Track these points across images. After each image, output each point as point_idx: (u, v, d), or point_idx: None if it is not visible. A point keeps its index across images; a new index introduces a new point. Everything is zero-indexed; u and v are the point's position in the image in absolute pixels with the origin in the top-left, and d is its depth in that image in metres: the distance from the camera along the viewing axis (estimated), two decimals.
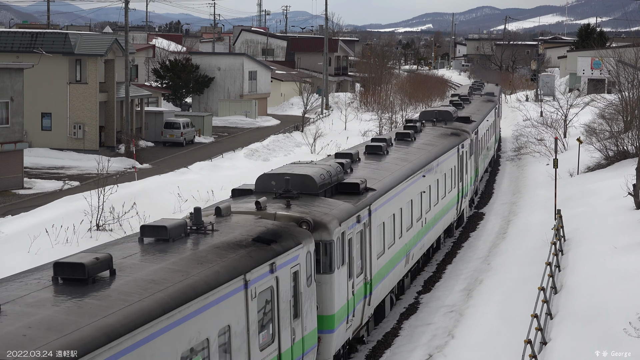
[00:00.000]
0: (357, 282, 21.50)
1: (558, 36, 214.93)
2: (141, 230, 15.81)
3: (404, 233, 26.61)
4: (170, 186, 46.04)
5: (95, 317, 11.66)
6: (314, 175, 21.40)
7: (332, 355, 19.68)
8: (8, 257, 31.34)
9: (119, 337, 11.52)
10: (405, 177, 27.09)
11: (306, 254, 18.14)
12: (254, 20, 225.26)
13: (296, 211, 19.37)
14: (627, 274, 22.47)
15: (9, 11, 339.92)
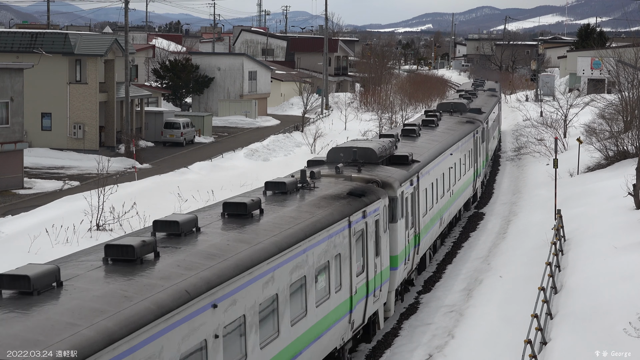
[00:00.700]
0: (410, 233, 26.38)
1: (558, 36, 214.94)
2: (265, 186, 20.93)
3: (439, 200, 31.81)
4: (170, 186, 46.05)
5: (295, 223, 17.94)
6: (374, 148, 25.91)
7: (394, 289, 24.79)
8: (8, 257, 31.34)
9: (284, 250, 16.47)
10: (438, 153, 32.24)
11: (383, 207, 22.98)
12: (254, 21, 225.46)
13: (367, 174, 23.93)
14: (627, 274, 22.47)
15: (9, 11, 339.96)
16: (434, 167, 30.62)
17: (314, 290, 18.02)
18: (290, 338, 16.81)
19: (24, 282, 11.91)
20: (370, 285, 21.93)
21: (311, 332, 18.01)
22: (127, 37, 66.28)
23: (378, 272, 22.57)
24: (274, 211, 18.66)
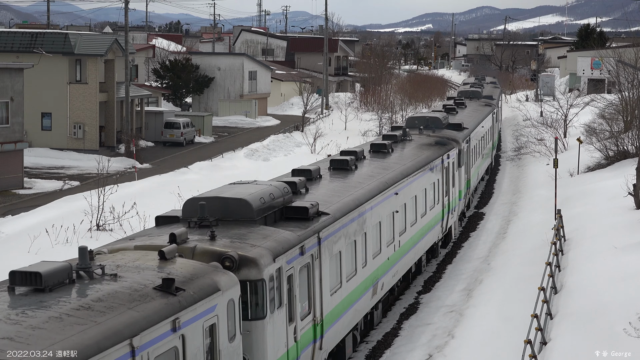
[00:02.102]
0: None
1: (558, 36, 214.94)
2: (383, 137, 33.58)
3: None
4: (170, 186, 46.04)
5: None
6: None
7: (459, 213, 27.77)
8: (8, 257, 31.35)
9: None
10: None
11: (456, 153, 36.37)
12: (254, 20, 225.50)
13: (439, 134, 35.01)
14: (627, 274, 22.48)
15: (9, 11, 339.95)
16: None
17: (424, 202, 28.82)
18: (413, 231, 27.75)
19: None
20: (451, 205, 33.76)
21: (423, 230, 28.98)
22: (127, 37, 66.29)
23: (453, 197, 33.85)
24: (398, 151, 30.93)
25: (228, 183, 21.49)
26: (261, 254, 16.29)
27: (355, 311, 22.10)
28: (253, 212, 18.23)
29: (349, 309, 21.36)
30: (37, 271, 12.60)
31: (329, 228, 19.72)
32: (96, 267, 13.97)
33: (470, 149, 40.76)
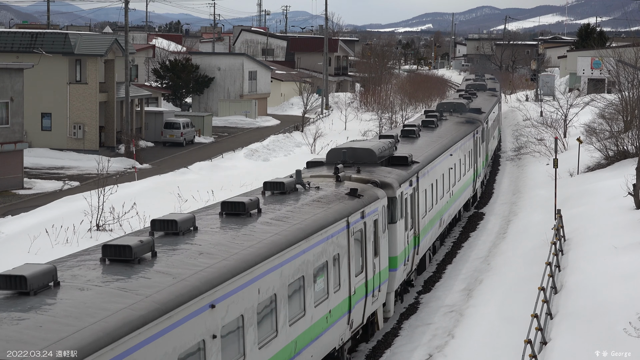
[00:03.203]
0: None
1: (558, 36, 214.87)
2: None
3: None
4: (170, 186, 46.05)
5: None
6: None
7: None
8: (8, 257, 31.34)
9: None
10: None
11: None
12: (254, 20, 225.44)
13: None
14: (627, 274, 22.48)
15: (9, 11, 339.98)
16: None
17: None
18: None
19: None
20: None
21: (464, 185, 33.36)
22: (127, 37, 66.28)
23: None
24: (443, 126, 37.36)
25: (349, 140, 34.66)
26: (394, 181, 24.79)
27: (432, 235, 30.92)
28: (376, 158, 26.41)
29: (429, 231, 30.11)
30: (282, 181, 21.39)
31: (422, 171, 28.65)
32: (305, 184, 22.05)
33: (488, 129, 50.28)
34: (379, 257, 23.14)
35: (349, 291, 20.73)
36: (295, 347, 17.53)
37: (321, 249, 18.87)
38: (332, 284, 19.62)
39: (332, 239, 19.61)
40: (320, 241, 18.79)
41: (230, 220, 17.94)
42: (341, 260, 20.18)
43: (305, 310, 17.98)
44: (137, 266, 13.73)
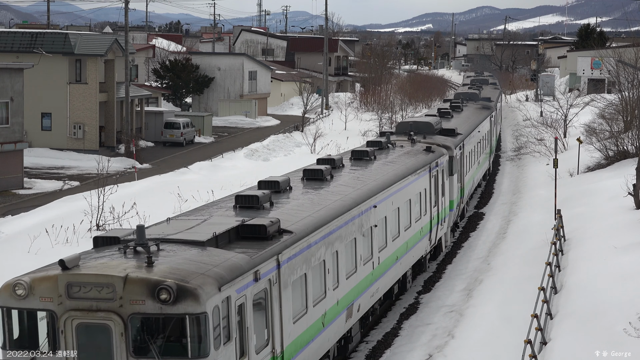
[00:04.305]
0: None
1: (558, 36, 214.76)
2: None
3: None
4: (170, 186, 46.06)
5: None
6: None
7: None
8: (8, 257, 31.35)
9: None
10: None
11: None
12: (254, 20, 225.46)
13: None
14: (627, 274, 22.48)
15: (9, 11, 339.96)
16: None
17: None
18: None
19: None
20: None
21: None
22: (127, 37, 66.29)
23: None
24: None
25: (408, 118, 46.16)
26: (451, 144, 34.18)
27: (469, 190, 41.46)
28: (433, 129, 35.23)
29: (468, 187, 40.08)
30: (379, 140, 31.30)
31: (465, 140, 37.82)
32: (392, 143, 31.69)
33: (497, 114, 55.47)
34: (444, 197, 32.58)
35: (430, 217, 30.23)
36: (407, 247, 27.14)
37: (417, 183, 28.20)
38: (422, 210, 28.93)
39: (421, 178, 29.05)
40: (416, 178, 28.20)
41: (358, 162, 27.52)
42: (426, 194, 29.55)
43: (411, 224, 27.49)
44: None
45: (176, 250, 15.05)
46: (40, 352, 14.10)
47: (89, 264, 14.26)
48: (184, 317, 13.51)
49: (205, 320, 13.57)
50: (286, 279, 16.96)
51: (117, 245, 15.36)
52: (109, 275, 13.71)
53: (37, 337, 14.20)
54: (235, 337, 14.63)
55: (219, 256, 15.13)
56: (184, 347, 13.67)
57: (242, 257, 15.43)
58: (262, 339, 15.89)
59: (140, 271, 13.78)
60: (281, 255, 16.69)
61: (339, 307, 20.41)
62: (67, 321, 13.84)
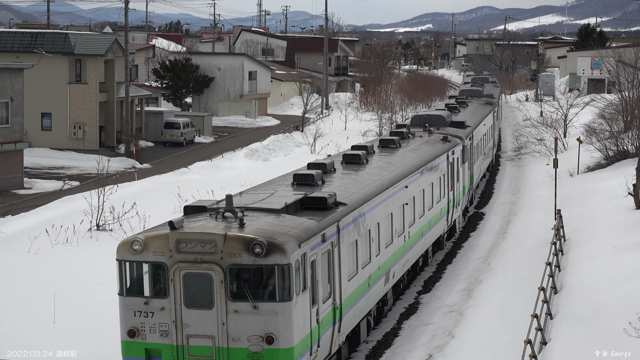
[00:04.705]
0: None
1: (558, 36, 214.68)
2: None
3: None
4: (170, 186, 46.07)
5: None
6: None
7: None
8: (8, 257, 31.36)
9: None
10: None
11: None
12: (254, 20, 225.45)
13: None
14: (627, 274, 22.49)
15: (9, 11, 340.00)
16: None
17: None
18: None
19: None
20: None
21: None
22: (127, 37, 66.29)
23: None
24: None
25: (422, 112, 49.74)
26: (463, 135, 37.26)
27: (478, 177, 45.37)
28: (445, 122, 38.75)
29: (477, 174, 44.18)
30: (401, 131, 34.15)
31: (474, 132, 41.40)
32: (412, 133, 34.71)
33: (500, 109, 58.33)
34: (459, 182, 35.85)
35: (447, 200, 33.34)
36: (430, 225, 30.10)
37: (437, 168, 31.41)
38: (441, 193, 32.18)
39: (441, 165, 32.19)
40: (437, 164, 31.47)
41: (386, 149, 30.35)
42: (444, 179, 32.72)
43: (433, 205, 30.53)
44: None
45: (257, 216, 18.08)
46: (152, 298, 17.03)
47: (191, 225, 17.29)
48: (273, 267, 16.59)
49: (289, 270, 16.66)
50: (343, 243, 20.04)
51: (206, 212, 18.36)
52: (212, 234, 16.73)
53: (150, 285, 17.10)
54: (309, 287, 17.70)
55: (293, 221, 18.27)
56: (272, 292, 16.71)
57: (312, 222, 18.58)
58: (326, 291, 18.88)
59: (236, 230, 16.83)
60: (340, 222, 19.86)
61: (380, 272, 23.55)
62: (176, 271, 16.81)
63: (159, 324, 17.00)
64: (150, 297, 17.04)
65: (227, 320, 16.69)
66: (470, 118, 43.84)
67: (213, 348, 16.79)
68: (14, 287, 27.67)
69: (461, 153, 36.48)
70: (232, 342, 16.73)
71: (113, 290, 27.01)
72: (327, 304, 18.94)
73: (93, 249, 32.86)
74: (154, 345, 17.03)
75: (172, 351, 16.96)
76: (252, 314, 16.64)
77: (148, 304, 16.99)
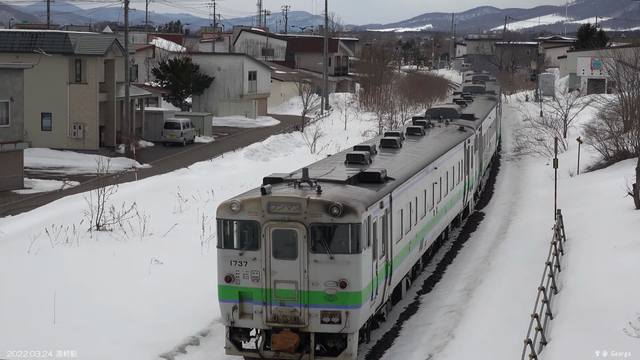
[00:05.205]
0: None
1: (558, 36, 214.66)
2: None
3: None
4: (170, 186, 46.06)
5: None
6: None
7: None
8: (8, 257, 31.35)
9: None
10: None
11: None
12: (254, 20, 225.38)
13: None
14: (627, 274, 22.50)
15: (9, 11, 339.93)
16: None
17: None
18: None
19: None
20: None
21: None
22: (127, 37, 66.28)
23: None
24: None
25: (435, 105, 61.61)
26: (474, 126, 41.59)
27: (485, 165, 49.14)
28: (457, 114, 43.32)
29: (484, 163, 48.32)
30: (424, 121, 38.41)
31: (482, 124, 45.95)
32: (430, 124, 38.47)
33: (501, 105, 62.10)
34: (472, 168, 40.03)
35: (464, 183, 37.91)
36: (451, 203, 34.42)
37: (457, 154, 35.96)
38: (459, 176, 36.48)
39: (459, 151, 36.47)
40: (457, 150, 35.81)
41: (412, 136, 34.19)
42: (462, 164, 36.98)
43: (453, 186, 35.05)
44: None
45: (327, 185, 21.69)
46: (246, 250, 20.73)
47: (278, 191, 21.01)
48: (347, 225, 20.41)
49: (360, 228, 20.53)
50: (394, 210, 24.10)
51: (283, 183, 22.08)
52: (298, 197, 20.52)
53: (244, 239, 20.82)
54: (372, 244, 21.60)
55: (358, 190, 22.14)
56: (345, 246, 20.48)
57: (372, 192, 22.52)
58: (381, 250, 22.79)
59: (316, 195, 20.67)
60: (392, 193, 23.91)
61: (416, 239, 27.72)
62: (267, 228, 20.56)
63: (251, 272, 20.69)
64: (244, 250, 20.70)
65: (308, 269, 20.42)
66: (478, 111, 48.31)
67: (296, 291, 20.51)
68: (14, 287, 27.66)
69: (475, 142, 41.53)
70: (311, 286, 20.45)
71: (113, 291, 27.03)
72: (382, 260, 22.94)
73: (93, 249, 32.88)
74: (247, 289, 20.74)
75: (261, 294, 20.67)
76: (329, 263, 20.34)
77: (242, 255, 20.69)
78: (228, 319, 20.98)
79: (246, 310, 20.91)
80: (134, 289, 27.32)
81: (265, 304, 20.68)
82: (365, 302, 21.04)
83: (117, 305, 25.59)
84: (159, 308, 25.48)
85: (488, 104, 58.41)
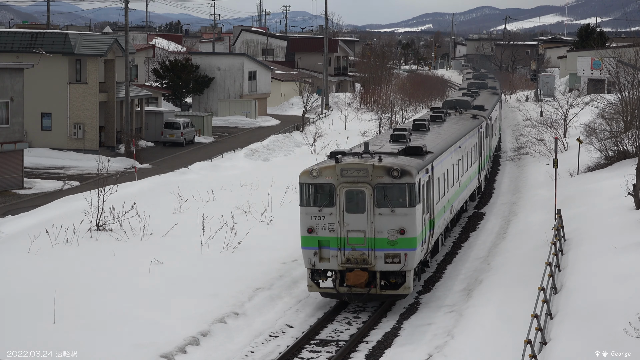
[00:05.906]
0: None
1: (558, 36, 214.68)
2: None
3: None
4: (170, 186, 46.04)
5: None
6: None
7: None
8: (8, 257, 31.35)
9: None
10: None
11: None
12: (254, 20, 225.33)
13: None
14: (627, 274, 22.48)
15: (9, 11, 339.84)
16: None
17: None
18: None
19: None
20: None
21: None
22: (127, 37, 66.27)
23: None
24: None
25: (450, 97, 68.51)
26: (485, 115, 47.80)
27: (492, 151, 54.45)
28: (470, 105, 49.59)
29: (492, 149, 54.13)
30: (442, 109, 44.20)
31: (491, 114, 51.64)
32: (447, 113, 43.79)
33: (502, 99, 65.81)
34: (484, 152, 45.22)
35: (478, 163, 42.94)
36: (469, 179, 39.77)
37: (473, 137, 40.87)
38: (475, 157, 41.37)
39: (475, 135, 41.49)
40: (473, 134, 40.93)
41: (435, 122, 39.24)
42: (476, 147, 41.74)
43: (471, 165, 40.00)
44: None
45: (384, 156, 26.50)
46: (324, 207, 25.87)
47: (348, 161, 26.18)
48: (405, 184, 25.69)
49: (414, 187, 25.78)
50: (434, 176, 29.34)
51: (348, 155, 27.05)
52: (365, 164, 25.80)
53: (322, 198, 25.95)
54: (423, 201, 26.86)
55: (407, 159, 27.27)
56: (403, 201, 25.74)
57: (419, 160, 27.76)
58: (427, 207, 27.81)
59: (379, 162, 25.86)
60: (433, 162, 29.24)
61: (448, 204, 32.96)
62: (341, 189, 25.73)
63: (328, 224, 25.79)
64: (322, 207, 25.78)
65: (374, 220, 25.54)
66: (486, 103, 54.60)
67: (364, 238, 25.70)
68: (14, 287, 27.66)
69: (485, 129, 47.28)
70: (377, 234, 25.61)
71: (113, 291, 27.04)
72: (427, 216, 27.88)
73: (93, 249, 32.87)
74: (325, 237, 25.88)
75: (337, 241, 25.84)
76: (391, 215, 25.51)
77: (321, 211, 25.77)
78: (310, 262, 26.05)
79: (324, 255, 25.98)
80: (134, 289, 27.31)
81: (340, 249, 25.82)
82: (418, 246, 26.14)
83: (117, 305, 25.58)
84: (159, 308, 25.47)
85: (493, 97, 64.83)
